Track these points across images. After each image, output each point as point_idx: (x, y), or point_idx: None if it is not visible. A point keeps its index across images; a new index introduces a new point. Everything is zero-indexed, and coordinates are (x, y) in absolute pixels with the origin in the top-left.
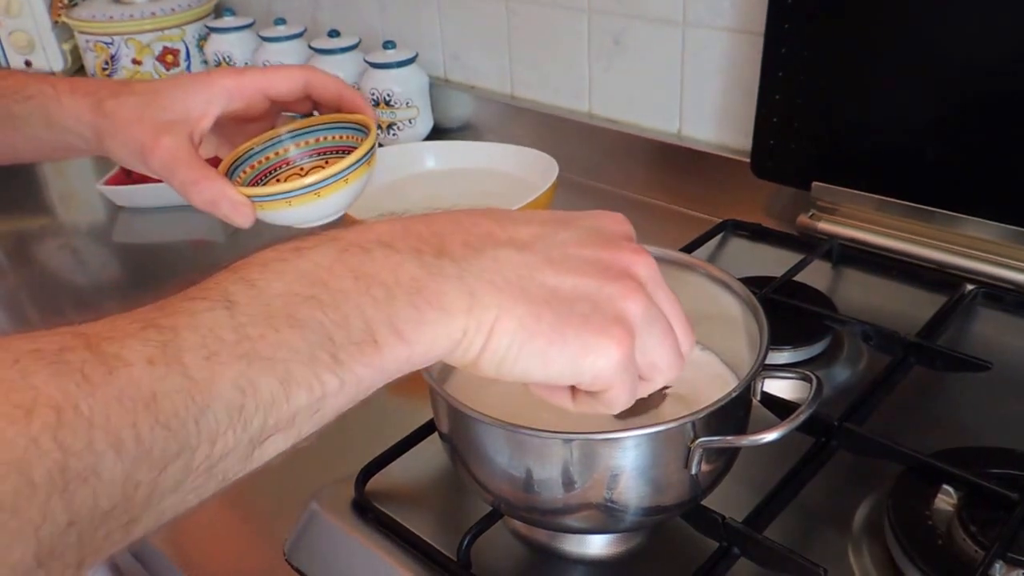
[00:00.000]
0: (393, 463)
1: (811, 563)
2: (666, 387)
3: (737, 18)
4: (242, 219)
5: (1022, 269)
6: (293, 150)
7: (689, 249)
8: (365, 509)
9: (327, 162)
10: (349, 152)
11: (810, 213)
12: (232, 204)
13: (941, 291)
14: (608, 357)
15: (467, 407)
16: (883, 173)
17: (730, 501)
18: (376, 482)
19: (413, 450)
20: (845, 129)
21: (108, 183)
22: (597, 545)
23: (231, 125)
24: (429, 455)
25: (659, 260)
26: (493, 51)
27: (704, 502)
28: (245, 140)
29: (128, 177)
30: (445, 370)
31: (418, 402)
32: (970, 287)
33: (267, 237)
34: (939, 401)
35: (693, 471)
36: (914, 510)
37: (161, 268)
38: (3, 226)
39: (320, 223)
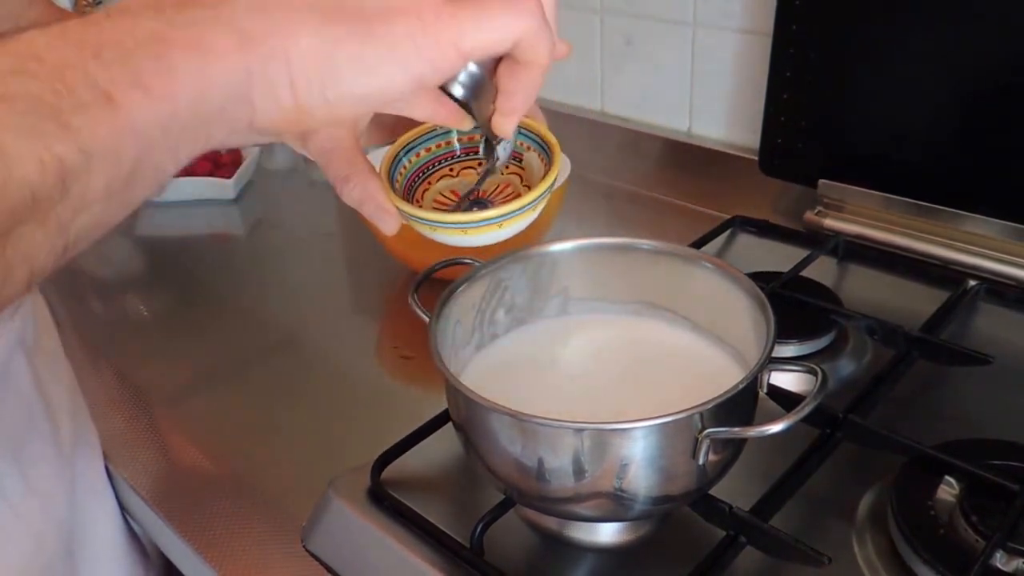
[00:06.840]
0: (408, 452)
1: (815, 551)
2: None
3: (746, 19)
4: (385, 227)
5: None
6: (460, 144)
7: (698, 245)
8: (380, 497)
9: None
10: (518, 158)
11: (816, 210)
12: (378, 209)
13: (944, 287)
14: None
15: (481, 397)
16: (888, 171)
17: (737, 491)
18: (391, 471)
19: (428, 439)
20: (851, 128)
21: None
22: (606, 533)
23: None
24: (443, 445)
25: (669, 255)
26: None
27: (711, 491)
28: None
29: None
30: (461, 361)
31: (433, 393)
32: (972, 283)
33: (287, 227)
34: (941, 394)
35: (701, 461)
36: (917, 500)
37: (183, 261)
38: None
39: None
